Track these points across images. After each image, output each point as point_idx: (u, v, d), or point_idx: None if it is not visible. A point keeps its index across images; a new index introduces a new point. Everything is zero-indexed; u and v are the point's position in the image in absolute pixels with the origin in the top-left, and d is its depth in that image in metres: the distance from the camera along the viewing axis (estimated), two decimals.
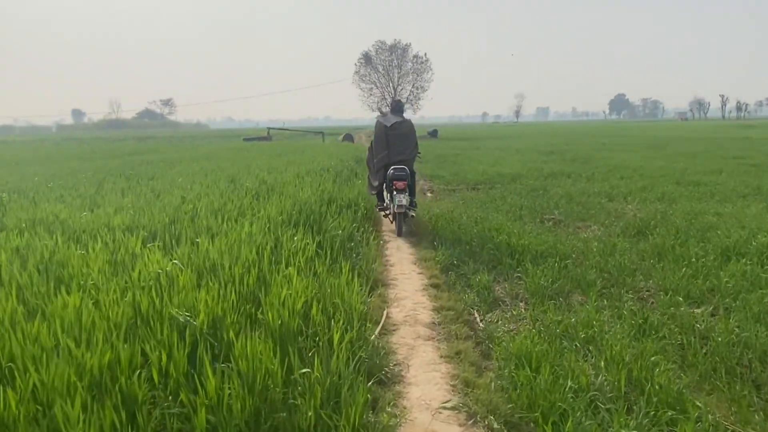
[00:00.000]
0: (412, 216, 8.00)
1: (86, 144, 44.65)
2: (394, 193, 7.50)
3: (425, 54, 59.66)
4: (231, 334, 3.13)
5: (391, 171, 7.67)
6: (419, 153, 8.50)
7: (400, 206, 7.43)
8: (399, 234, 7.59)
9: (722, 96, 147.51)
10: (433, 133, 51.14)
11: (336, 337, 3.36)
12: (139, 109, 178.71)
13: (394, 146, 7.91)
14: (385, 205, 8.23)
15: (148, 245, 4.94)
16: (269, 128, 50.24)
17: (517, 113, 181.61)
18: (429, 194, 12.13)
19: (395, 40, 59.66)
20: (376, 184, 8.25)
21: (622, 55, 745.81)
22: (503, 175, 14.00)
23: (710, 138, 33.92)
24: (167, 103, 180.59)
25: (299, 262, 4.61)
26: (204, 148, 29.83)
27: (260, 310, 3.66)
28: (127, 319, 3.16)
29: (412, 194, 7.84)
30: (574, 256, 6.06)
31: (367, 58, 59.51)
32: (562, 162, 18.26)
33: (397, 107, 8.62)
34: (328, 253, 5.35)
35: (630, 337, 3.94)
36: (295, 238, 5.19)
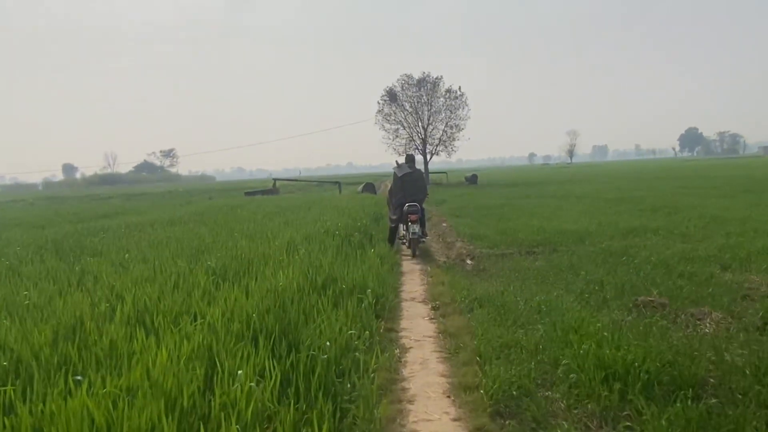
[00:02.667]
0: (423, 241, 11.78)
1: (60, 204, 44.22)
2: (409, 224, 11.29)
3: (459, 88, 57.17)
4: None
5: (406, 207, 11.34)
6: (427, 195, 12.32)
7: (414, 233, 11.15)
8: (414, 255, 11.23)
9: None
10: (472, 179, 50.01)
11: None
12: (137, 161, 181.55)
13: (408, 190, 11.64)
14: (402, 234, 11.87)
15: None
16: (275, 179, 49.45)
17: (571, 153, 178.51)
18: (469, 261, 10.30)
19: (424, 73, 57.15)
20: (395, 218, 11.89)
21: (692, 83, 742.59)
22: (566, 233, 12.20)
23: None
24: (168, 154, 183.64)
25: (232, 427, 2.93)
26: (193, 206, 28.74)
27: None
28: None
29: (423, 226, 11.58)
30: (712, 380, 4.28)
31: (391, 95, 57.33)
32: (639, 213, 16.42)
33: (410, 159, 12.45)
34: (300, 390, 3.69)
35: None
36: (240, 372, 3.51)
